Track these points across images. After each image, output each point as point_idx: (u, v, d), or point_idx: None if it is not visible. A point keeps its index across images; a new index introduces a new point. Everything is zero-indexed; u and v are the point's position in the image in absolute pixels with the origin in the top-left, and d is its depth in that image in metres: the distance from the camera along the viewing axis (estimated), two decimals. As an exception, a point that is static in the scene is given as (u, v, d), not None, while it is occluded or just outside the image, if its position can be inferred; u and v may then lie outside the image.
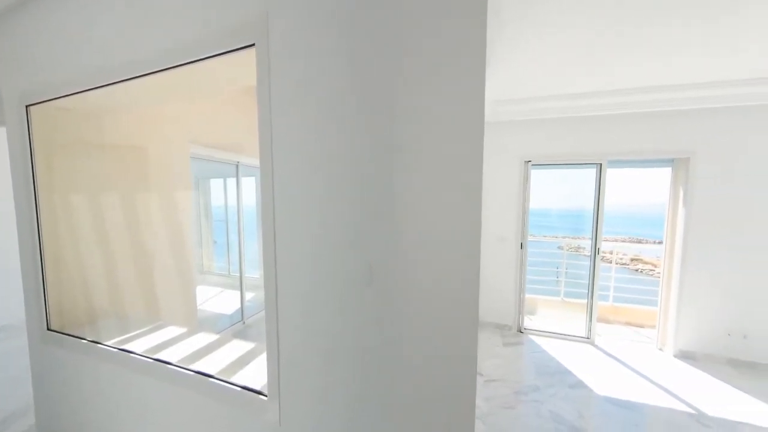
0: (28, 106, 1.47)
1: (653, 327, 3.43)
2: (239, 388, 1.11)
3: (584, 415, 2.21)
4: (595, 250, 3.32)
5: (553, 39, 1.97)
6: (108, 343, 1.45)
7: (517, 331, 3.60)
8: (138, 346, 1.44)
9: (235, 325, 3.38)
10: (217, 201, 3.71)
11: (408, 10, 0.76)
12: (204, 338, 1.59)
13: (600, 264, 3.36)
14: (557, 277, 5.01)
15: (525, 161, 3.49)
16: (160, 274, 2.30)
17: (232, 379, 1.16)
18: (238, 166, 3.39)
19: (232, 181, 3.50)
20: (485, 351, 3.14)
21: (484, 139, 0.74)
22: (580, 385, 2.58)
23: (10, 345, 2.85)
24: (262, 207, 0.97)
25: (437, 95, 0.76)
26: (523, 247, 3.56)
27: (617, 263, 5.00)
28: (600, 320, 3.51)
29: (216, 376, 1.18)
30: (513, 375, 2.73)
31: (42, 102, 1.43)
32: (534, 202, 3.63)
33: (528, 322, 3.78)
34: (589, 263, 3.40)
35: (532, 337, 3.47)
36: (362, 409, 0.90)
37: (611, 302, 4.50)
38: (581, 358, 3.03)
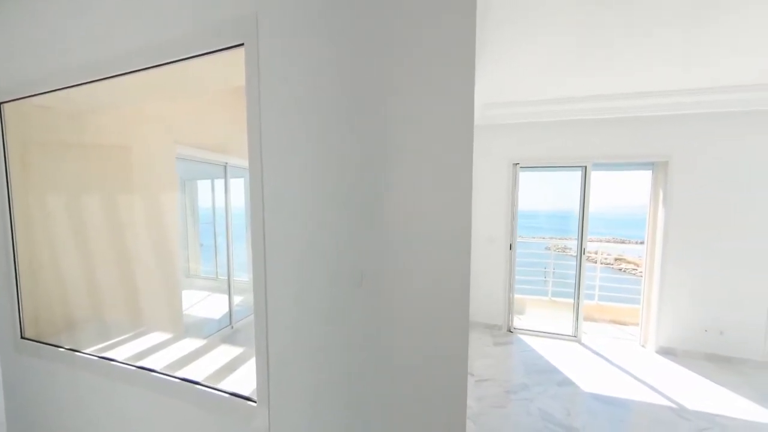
0: (1, 103, 1.40)
1: (636, 324, 3.55)
2: (227, 395, 1.08)
3: (572, 413, 2.25)
4: (581, 251, 3.41)
5: (538, 45, 2.03)
6: (87, 351, 1.39)
7: (507, 330, 3.65)
8: (120, 353, 1.39)
9: (223, 330, 3.30)
10: (204, 203, 3.62)
11: (398, 13, 0.77)
12: (190, 344, 1.54)
13: (585, 264, 3.45)
14: (545, 277, 5.12)
15: (513, 164, 3.56)
16: (143, 278, 2.22)
17: (219, 386, 1.13)
18: (226, 167, 3.33)
19: (220, 183, 3.43)
20: (476, 351, 3.17)
21: (474, 141, 0.75)
22: (567, 382, 2.63)
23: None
24: (251, 208, 0.96)
25: (427, 98, 0.76)
26: (512, 248, 3.62)
27: (602, 263, 5.16)
28: (586, 319, 3.60)
29: (202, 383, 1.15)
30: (503, 374, 2.76)
31: (18, 99, 1.36)
32: (522, 204, 3.70)
33: (517, 322, 3.84)
34: (575, 263, 3.49)
35: (522, 337, 3.52)
36: (354, 412, 0.89)
37: (596, 301, 4.63)
38: (568, 356, 3.10)
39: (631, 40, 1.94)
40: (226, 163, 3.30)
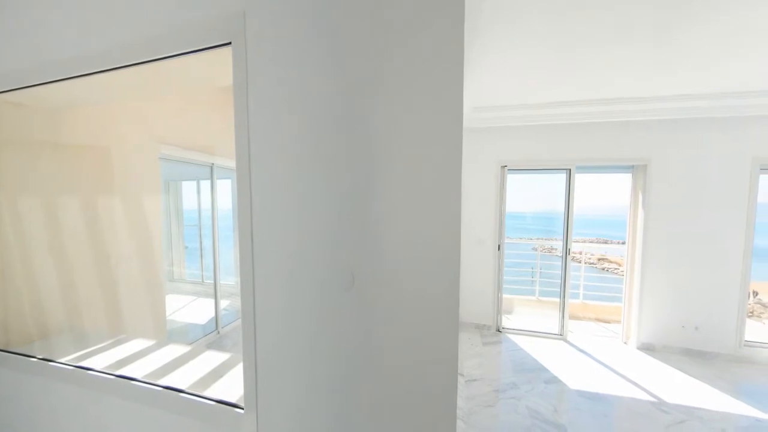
0: (-32, 100, 1.32)
1: (619, 322, 3.67)
2: (213, 402, 1.05)
3: (558, 410, 2.30)
4: (566, 251, 3.51)
5: (523, 53, 2.08)
6: (62, 360, 1.32)
7: (496, 330, 3.70)
8: (98, 362, 1.33)
9: (209, 335, 3.21)
10: (189, 204, 3.52)
11: (388, 16, 0.77)
12: (174, 350, 1.49)
13: (570, 264, 3.55)
14: (532, 277, 5.23)
15: (501, 166, 3.63)
16: (124, 283, 2.14)
17: (205, 393, 1.10)
18: (212, 168, 3.25)
19: (206, 184, 3.34)
20: (466, 351, 3.20)
21: (463, 144, 0.76)
22: (554, 380, 2.69)
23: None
24: (238, 210, 0.94)
25: (417, 100, 0.77)
26: (501, 248, 3.69)
27: (586, 263, 5.32)
28: (571, 317, 3.70)
29: (187, 391, 1.11)
30: (492, 373, 2.80)
31: (-14, 95, 1.29)
32: (510, 205, 3.78)
33: (506, 322, 3.90)
34: (560, 263, 3.58)
35: (510, 336, 3.58)
36: (344, 416, 0.88)
37: (581, 300, 4.77)
38: (555, 354, 3.18)
39: (608, 49, 2.03)
40: (213, 163, 3.23)
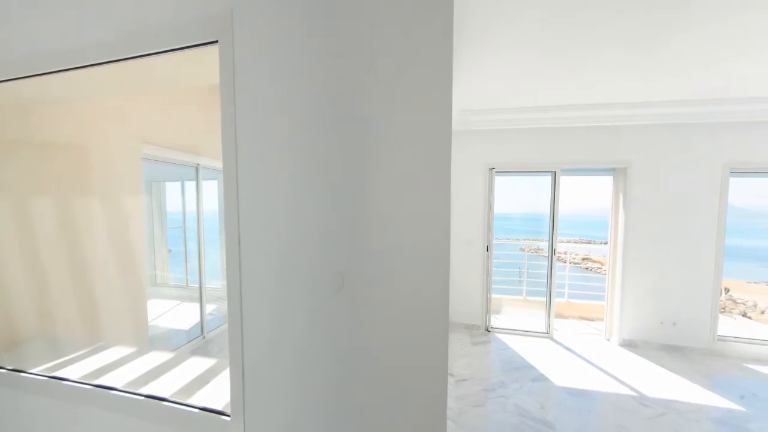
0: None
1: (602, 320, 3.79)
2: (197, 410, 1.02)
3: (545, 407, 2.35)
4: (552, 251, 3.60)
5: (511, 58, 2.13)
6: (34, 370, 1.25)
7: (485, 330, 3.75)
8: (73, 372, 1.26)
9: (194, 341, 3.11)
10: (173, 206, 3.41)
11: (377, 18, 0.77)
12: (156, 357, 1.44)
13: (556, 264, 3.64)
14: (520, 277, 5.34)
15: (489, 168, 3.70)
16: (103, 288, 2.05)
17: (189, 401, 1.06)
18: (198, 168, 3.16)
19: (191, 185, 3.25)
20: (455, 351, 3.23)
21: (452, 146, 0.77)
22: (541, 378, 2.75)
23: None
24: (225, 212, 0.92)
25: (407, 103, 0.78)
26: (489, 249, 3.75)
27: (571, 262, 5.48)
28: (557, 316, 3.80)
29: (170, 399, 1.07)
30: (481, 373, 2.83)
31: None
32: (498, 207, 3.85)
33: (494, 321, 3.96)
34: (546, 263, 3.67)
35: (498, 335, 3.64)
36: (335, 420, 0.87)
37: (566, 299, 4.90)
38: (542, 352, 3.25)
39: (589, 57, 2.11)
40: (198, 164, 3.14)
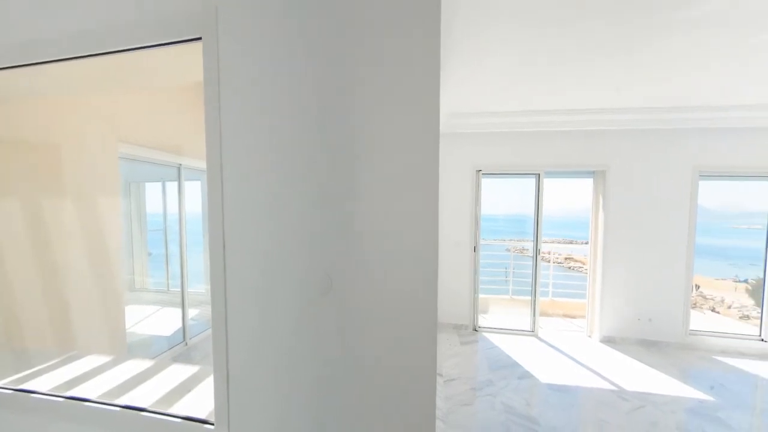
0: None
1: (584, 317, 3.92)
2: (179, 420, 0.98)
3: (530, 403, 2.41)
4: (536, 251, 3.70)
5: (496, 63, 2.19)
6: (-1, 383, 1.17)
7: (473, 329, 3.81)
8: (43, 383, 1.19)
9: (176, 348, 3.00)
10: (154, 207, 3.28)
11: (366, 19, 0.78)
12: (134, 366, 1.37)
13: (541, 263, 3.75)
14: (506, 277, 5.46)
15: (476, 170, 3.77)
16: (76, 294, 1.94)
17: (170, 410, 1.02)
18: (180, 168, 3.06)
19: (172, 185, 3.14)
20: (444, 351, 3.26)
21: (440, 149, 0.78)
22: (527, 375, 2.82)
23: None
24: (209, 213, 0.89)
25: (395, 105, 0.78)
26: (476, 250, 3.81)
27: (554, 262, 5.65)
28: (542, 314, 3.90)
29: (149, 409, 1.02)
30: (469, 372, 2.87)
31: None
32: (485, 208, 3.92)
33: (482, 321, 4.03)
34: (531, 263, 3.77)
35: (486, 335, 3.70)
36: (322, 424, 0.86)
37: (550, 297, 5.04)
38: (527, 350, 3.32)
39: (570, 64, 2.19)
40: (180, 164, 3.04)
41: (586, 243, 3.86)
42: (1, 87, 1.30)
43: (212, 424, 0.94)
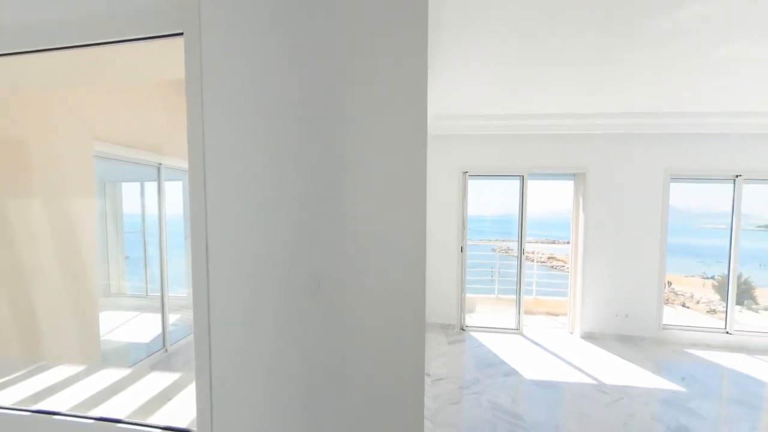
0: None
1: (565, 314, 4.06)
2: (159, 429, 0.94)
3: (516, 400, 2.47)
4: (521, 251, 3.80)
5: (482, 67, 2.24)
6: (-44, 398, 1.08)
7: (460, 329, 3.86)
8: (7, 397, 1.11)
9: (155, 355, 2.88)
10: (131, 208, 3.14)
11: (354, 19, 0.78)
12: (110, 375, 1.30)
13: (525, 263, 3.85)
14: (492, 277, 5.57)
15: (463, 172, 3.83)
16: (45, 300, 1.83)
17: (148, 420, 0.98)
18: (159, 168, 2.95)
19: (152, 185, 3.02)
20: (432, 351, 3.28)
21: (427, 150, 0.79)
22: (512, 372, 2.88)
23: None
24: (191, 214, 0.86)
25: (383, 105, 0.78)
26: (463, 250, 3.87)
27: (538, 261, 5.81)
28: (526, 312, 4.00)
29: (126, 420, 0.98)
30: (457, 371, 2.91)
31: None
32: (471, 209, 3.99)
33: (469, 320, 4.08)
34: (516, 263, 3.87)
35: (473, 334, 3.76)
36: (310, 428, 0.84)
37: (534, 296, 5.19)
38: (513, 348, 3.40)
39: (552, 70, 2.27)
40: (160, 163, 2.93)
41: (568, 243, 4.00)
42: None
43: (194, 433, 0.91)
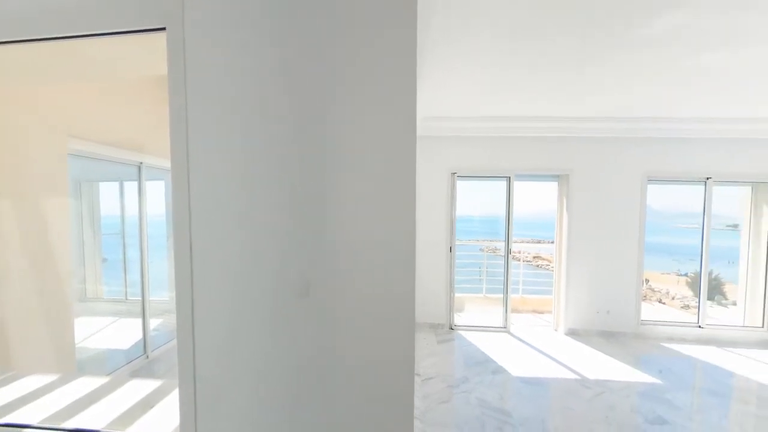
0: None
1: (550, 312, 4.17)
2: (139, 440, 0.90)
3: (504, 397, 2.51)
4: (508, 251, 3.88)
5: (469, 70, 2.28)
6: None
7: (449, 328, 3.90)
8: (-29, 410, 1.04)
9: (136, 361, 2.76)
10: (110, 209, 3.01)
11: (343, 19, 0.77)
12: (86, 384, 1.24)
13: (512, 262, 3.93)
14: (480, 276, 5.66)
15: (452, 173, 3.88)
16: (14, 307, 1.72)
17: (128, 430, 0.94)
18: (140, 167, 2.84)
19: (132, 185, 2.90)
20: (422, 351, 3.30)
21: (416, 151, 0.79)
22: (500, 370, 2.93)
23: None
24: (174, 216, 0.83)
25: (372, 105, 0.78)
26: (452, 250, 3.92)
27: (524, 261, 5.95)
28: (513, 311, 4.09)
29: (103, 431, 0.93)
30: (446, 370, 2.94)
31: None
32: (460, 210, 4.04)
33: (457, 319, 4.13)
34: (503, 262, 3.94)
35: (462, 333, 3.81)
36: (299, 430, 0.83)
37: (521, 294, 5.31)
38: (500, 346, 3.47)
39: (540, 75, 2.34)
40: (141, 162, 2.82)
41: (552, 242, 4.12)
42: None
43: (177, 442, 0.88)
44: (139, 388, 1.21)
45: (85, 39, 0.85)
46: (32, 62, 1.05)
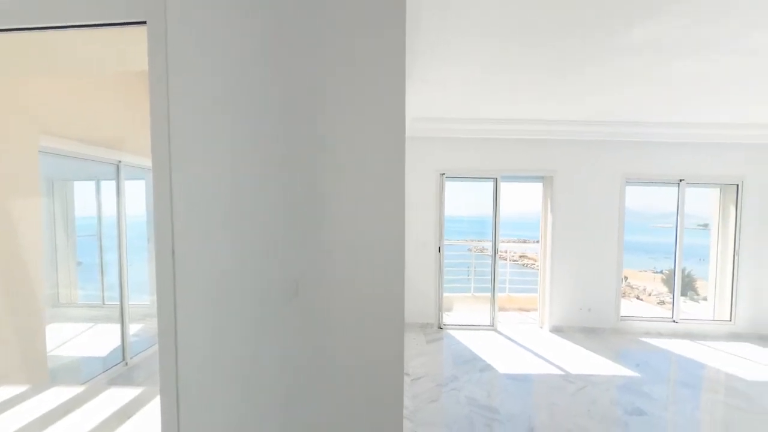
0: None
1: (536, 310, 4.28)
2: (118, 450, 0.86)
3: (491, 394, 2.56)
4: (495, 250, 3.96)
5: (456, 73, 2.31)
6: None
7: (438, 327, 3.93)
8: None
9: (113, 369, 2.64)
10: (85, 210, 2.86)
11: (332, 18, 0.77)
12: (59, 394, 1.18)
13: (499, 261, 4.01)
14: (468, 275, 5.74)
15: (440, 174, 3.92)
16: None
17: (105, 441, 0.89)
18: (119, 166, 2.72)
19: (109, 185, 2.78)
20: (411, 350, 3.31)
21: (405, 152, 0.80)
22: (487, 368, 2.98)
23: None
24: (155, 217, 0.80)
25: (360, 106, 0.78)
26: (441, 250, 3.95)
27: (510, 260, 6.09)
28: (500, 309, 4.17)
29: (79, 442, 0.89)
30: (435, 369, 2.96)
31: None
32: (448, 210, 4.09)
33: (446, 318, 4.18)
34: (490, 261, 4.02)
35: (450, 332, 3.85)
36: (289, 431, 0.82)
37: (507, 293, 5.42)
38: (487, 344, 3.53)
39: (526, 79, 2.40)
40: (120, 161, 2.71)
41: (537, 242, 4.23)
42: None
43: (159, 451, 0.85)
44: (116, 397, 1.16)
45: (60, 30, 0.81)
46: (3, 53, 0.99)
